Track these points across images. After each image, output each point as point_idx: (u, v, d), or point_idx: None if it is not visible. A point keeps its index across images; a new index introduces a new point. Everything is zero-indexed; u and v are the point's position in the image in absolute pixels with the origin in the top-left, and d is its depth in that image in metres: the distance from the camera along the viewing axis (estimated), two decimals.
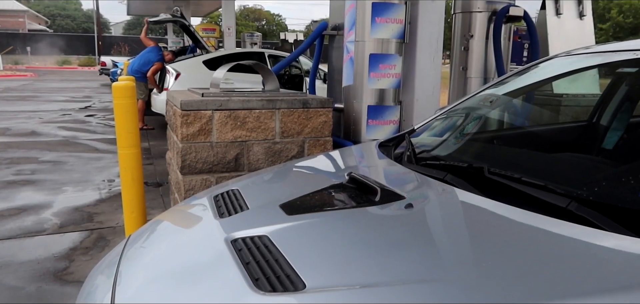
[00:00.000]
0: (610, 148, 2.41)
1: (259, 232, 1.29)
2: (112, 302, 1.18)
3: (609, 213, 1.16)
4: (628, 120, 2.53)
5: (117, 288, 1.24)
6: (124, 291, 1.22)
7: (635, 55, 2.26)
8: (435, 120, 2.36)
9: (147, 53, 8.57)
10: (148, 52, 8.57)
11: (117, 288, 1.24)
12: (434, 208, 1.40)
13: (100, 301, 1.24)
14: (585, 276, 0.96)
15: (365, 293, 0.97)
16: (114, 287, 1.25)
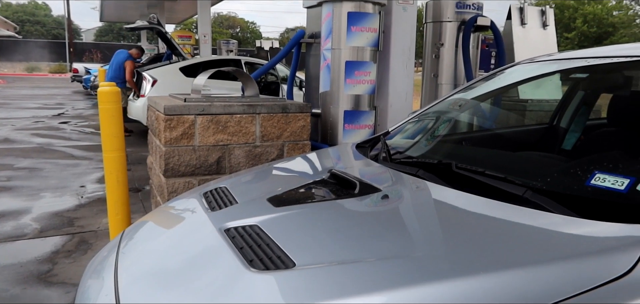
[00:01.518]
0: (568, 149, 2.62)
1: (250, 222, 1.42)
2: (117, 300, 1.23)
3: (558, 199, 1.33)
4: (585, 122, 2.75)
5: (120, 283, 1.31)
6: (127, 285, 1.30)
7: (590, 62, 2.47)
8: (408, 123, 2.53)
9: (116, 58, 8.75)
10: (117, 56, 8.77)
11: (120, 284, 1.30)
12: (408, 199, 1.55)
13: (104, 301, 1.28)
14: (531, 247, 1.13)
15: (347, 268, 1.11)
16: (116, 284, 1.31)
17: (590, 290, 0.97)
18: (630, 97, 2.44)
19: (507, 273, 1.03)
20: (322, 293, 1.03)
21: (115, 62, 8.75)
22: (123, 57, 8.73)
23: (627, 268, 1.02)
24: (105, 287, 1.35)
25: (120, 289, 1.28)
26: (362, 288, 1.03)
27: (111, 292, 1.28)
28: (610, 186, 1.34)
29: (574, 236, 1.18)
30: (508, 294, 0.97)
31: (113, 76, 8.57)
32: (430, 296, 0.98)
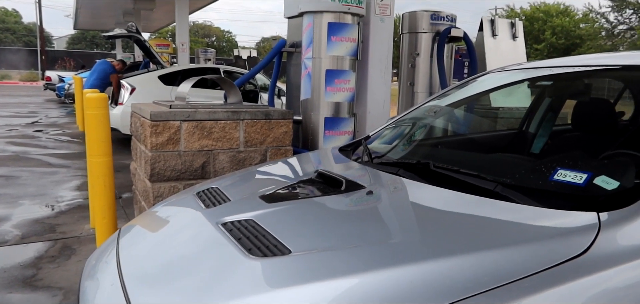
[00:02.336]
0: (536, 152, 2.80)
1: (245, 217, 1.53)
2: (125, 293, 1.28)
3: (525, 193, 1.48)
4: (551, 128, 2.94)
5: (125, 278, 1.37)
6: (134, 278, 1.37)
7: (555, 71, 2.66)
8: (387, 129, 2.67)
9: (100, 66, 8.72)
10: (100, 66, 8.74)
11: (125, 278, 1.36)
12: (390, 194, 1.68)
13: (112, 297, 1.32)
14: (502, 232, 1.27)
15: (338, 253, 1.23)
16: (121, 279, 1.37)
17: (553, 266, 1.11)
18: (591, 103, 2.64)
19: (480, 254, 1.17)
20: (318, 274, 1.15)
21: (97, 70, 8.75)
22: (106, 67, 8.70)
23: (583, 248, 1.17)
24: (110, 283, 1.42)
25: (127, 282, 1.36)
26: (352, 269, 1.15)
27: (118, 287, 1.36)
28: (570, 180, 1.49)
29: (539, 222, 1.32)
30: (481, 272, 1.10)
31: (93, 84, 8.55)
32: (413, 274, 1.11)
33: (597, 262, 1.15)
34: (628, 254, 1.18)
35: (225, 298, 1.12)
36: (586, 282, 1.11)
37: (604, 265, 1.15)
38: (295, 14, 4.26)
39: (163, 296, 1.21)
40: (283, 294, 1.10)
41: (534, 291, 1.06)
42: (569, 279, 1.10)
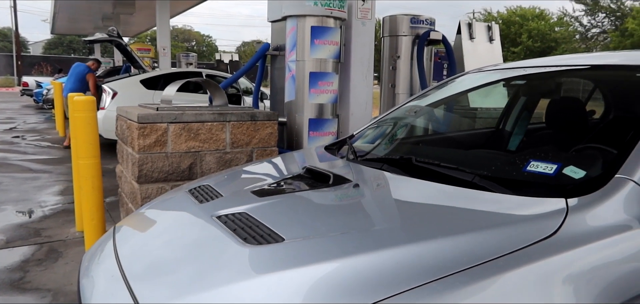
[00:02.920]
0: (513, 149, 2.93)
1: (239, 210, 1.61)
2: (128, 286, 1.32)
3: (500, 183, 1.59)
4: (526, 126, 3.07)
5: (126, 271, 1.41)
6: (135, 270, 1.42)
7: (529, 71, 2.79)
8: (370, 128, 2.77)
9: (76, 70, 8.71)
10: (76, 69, 8.74)
11: (126, 271, 1.41)
12: (375, 186, 1.78)
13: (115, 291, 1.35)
14: (478, 217, 1.38)
15: (328, 239, 1.32)
16: (122, 273, 1.42)
17: (527, 247, 1.22)
18: (563, 101, 2.78)
19: (458, 237, 1.27)
20: (311, 258, 1.23)
21: (74, 74, 8.69)
22: (82, 69, 8.68)
23: (553, 230, 1.28)
24: (111, 276, 1.48)
25: (128, 275, 1.42)
26: (342, 252, 1.24)
27: (120, 279, 1.41)
28: (541, 171, 1.61)
29: (513, 208, 1.43)
30: (459, 253, 1.20)
31: (72, 88, 8.50)
32: (397, 256, 1.20)
33: (565, 242, 1.26)
34: (593, 235, 1.30)
35: (227, 282, 1.20)
36: (555, 260, 1.22)
37: (572, 245, 1.26)
38: (278, 17, 4.35)
39: (166, 285, 1.28)
40: (279, 277, 1.18)
41: (508, 269, 1.16)
42: (539, 258, 1.21)
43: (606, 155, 1.68)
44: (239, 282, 1.19)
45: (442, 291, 1.10)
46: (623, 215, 1.37)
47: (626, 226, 1.35)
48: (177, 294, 1.22)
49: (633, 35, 28.44)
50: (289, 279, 1.17)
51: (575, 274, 1.23)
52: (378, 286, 1.10)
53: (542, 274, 1.18)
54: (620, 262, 1.31)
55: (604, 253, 1.29)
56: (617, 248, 1.32)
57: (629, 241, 1.34)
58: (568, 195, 1.42)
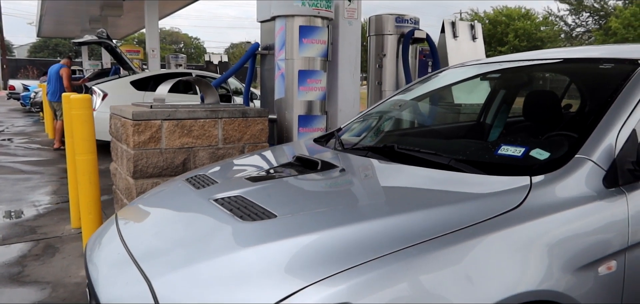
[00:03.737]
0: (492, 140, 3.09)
1: (234, 193, 1.74)
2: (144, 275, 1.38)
3: (474, 165, 1.75)
4: (505, 117, 3.23)
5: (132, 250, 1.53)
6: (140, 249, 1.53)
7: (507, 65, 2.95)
8: (356, 122, 2.92)
9: (52, 71, 8.97)
10: (52, 70, 8.99)
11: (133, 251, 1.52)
12: (360, 171, 1.92)
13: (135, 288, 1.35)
14: (453, 193, 1.53)
15: (317, 214, 1.46)
16: (129, 251, 1.53)
17: (493, 217, 1.38)
18: (538, 93, 2.94)
19: (433, 210, 1.42)
20: (301, 230, 1.37)
21: (52, 75, 8.91)
22: (58, 66, 8.97)
23: (517, 203, 1.44)
24: (116, 255, 1.60)
25: (134, 252, 1.54)
26: (330, 224, 1.38)
27: (126, 257, 1.53)
28: (511, 154, 1.77)
29: (484, 186, 1.58)
30: (434, 222, 1.35)
31: (55, 89, 8.68)
32: (381, 226, 1.35)
33: (528, 213, 1.41)
34: (553, 206, 1.46)
35: (228, 251, 1.33)
36: (519, 228, 1.38)
37: (534, 215, 1.42)
38: (268, 17, 4.47)
39: (172, 257, 1.41)
40: (273, 245, 1.32)
41: (476, 236, 1.32)
42: (505, 226, 1.36)
43: (570, 139, 1.83)
44: (239, 251, 1.33)
45: (417, 255, 1.24)
46: (581, 189, 1.53)
47: (584, 199, 1.51)
48: (182, 264, 1.35)
49: (616, 34, 28.97)
50: (282, 248, 1.31)
51: (537, 240, 1.38)
52: (362, 251, 1.24)
53: (506, 239, 1.34)
54: (577, 230, 1.47)
55: (563, 222, 1.45)
56: (575, 218, 1.48)
57: (586, 211, 1.50)
58: (533, 173, 1.57)
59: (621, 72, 1.95)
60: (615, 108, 1.75)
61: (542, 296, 1.35)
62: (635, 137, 1.66)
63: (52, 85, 8.85)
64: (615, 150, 1.62)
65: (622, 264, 1.54)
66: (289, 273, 1.23)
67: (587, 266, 1.46)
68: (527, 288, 1.32)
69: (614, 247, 1.52)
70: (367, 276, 1.19)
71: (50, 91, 8.89)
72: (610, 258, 1.52)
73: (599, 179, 1.58)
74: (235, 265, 1.30)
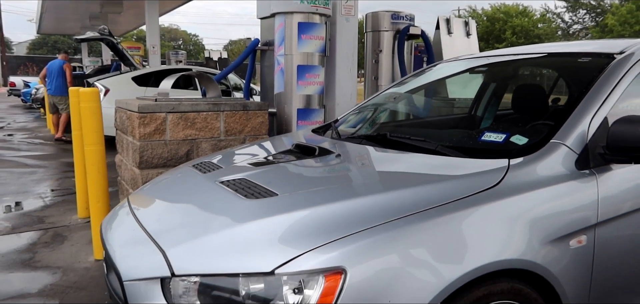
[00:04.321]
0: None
1: (239, 177, 1.90)
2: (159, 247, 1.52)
3: (459, 149, 1.90)
4: (495, 110, 3.38)
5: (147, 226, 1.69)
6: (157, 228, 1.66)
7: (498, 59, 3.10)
8: (352, 114, 3.07)
9: (53, 67, 9.19)
10: (52, 66, 9.24)
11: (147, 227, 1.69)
12: (355, 156, 2.08)
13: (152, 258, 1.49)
14: (439, 173, 1.69)
15: (311, 193, 1.62)
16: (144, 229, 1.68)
17: (476, 193, 1.53)
18: (526, 87, 3.10)
19: (419, 188, 1.58)
20: (299, 206, 1.53)
21: (54, 71, 9.10)
22: (59, 64, 9.19)
23: (496, 182, 1.59)
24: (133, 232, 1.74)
25: (148, 228, 1.69)
26: (326, 200, 1.54)
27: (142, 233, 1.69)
28: (493, 140, 1.92)
29: (466, 168, 1.74)
30: (419, 198, 1.50)
31: (58, 85, 8.88)
32: (371, 201, 1.51)
33: (505, 191, 1.57)
34: (528, 185, 1.61)
35: (236, 224, 1.49)
36: (497, 203, 1.53)
37: (510, 193, 1.57)
38: (267, 14, 4.62)
39: (184, 231, 1.57)
40: (275, 219, 1.48)
41: (457, 210, 1.47)
42: (484, 202, 1.52)
43: (548, 127, 1.99)
44: (244, 224, 1.48)
45: (403, 226, 1.40)
46: (555, 170, 1.69)
47: (557, 179, 1.67)
48: (193, 236, 1.51)
49: (612, 31, 29.10)
50: (282, 221, 1.46)
51: (513, 214, 1.54)
52: (354, 223, 1.40)
53: (485, 213, 1.50)
54: (550, 206, 1.62)
55: (537, 199, 1.60)
56: (549, 195, 1.63)
57: (559, 190, 1.66)
58: (511, 156, 1.73)
59: (597, 65, 2.10)
60: (589, 97, 1.90)
61: (517, 265, 1.50)
62: (607, 123, 1.81)
63: (55, 80, 9.04)
64: (587, 136, 1.78)
65: (591, 239, 1.69)
66: (289, 242, 1.38)
67: (559, 240, 1.61)
68: (503, 257, 1.47)
69: (585, 223, 1.68)
70: (358, 243, 1.34)
71: (54, 86, 9.08)
72: (581, 232, 1.67)
73: (571, 162, 1.73)
74: (241, 236, 1.45)
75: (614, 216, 1.74)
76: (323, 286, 1.29)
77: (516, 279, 1.53)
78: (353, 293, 1.30)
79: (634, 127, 1.69)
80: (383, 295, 1.31)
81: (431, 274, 1.37)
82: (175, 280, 1.41)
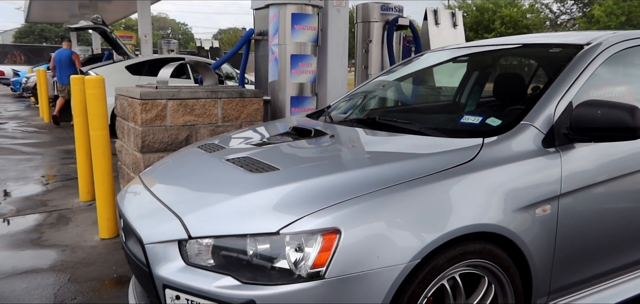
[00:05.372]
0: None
1: (243, 155, 2.10)
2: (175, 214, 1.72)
3: (441, 130, 2.12)
4: (478, 98, 3.60)
5: (162, 199, 1.90)
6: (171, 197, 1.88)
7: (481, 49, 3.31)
8: (343, 101, 3.28)
9: (62, 57, 9.32)
10: (60, 56, 9.44)
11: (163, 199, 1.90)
12: (347, 137, 2.30)
13: (170, 224, 1.68)
14: (421, 150, 1.91)
15: (309, 167, 1.83)
16: (159, 199, 1.90)
17: (455, 166, 1.75)
18: (506, 76, 3.32)
19: (403, 162, 1.80)
20: (299, 177, 1.74)
21: (63, 61, 9.28)
22: (68, 54, 9.32)
23: (471, 157, 1.81)
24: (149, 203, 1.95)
25: (163, 199, 1.90)
26: (322, 172, 1.75)
27: (157, 203, 1.89)
28: (471, 121, 2.15)
29: (446, 146, 1.96)
30: (403, 171, 1.72)
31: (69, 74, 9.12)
32: (362, 174, 1.72)
33: (479, 165, 1.79)
34: (499, 160, 1.84)
35: (243, 193, 1.70)
36: (471, 175, 1.75)
37: (484, 167, 1.79)
38: (262, 5, 4.79)
39: (197, 200, 1.78)
40: (277, 189, 1.69)
41: (436, 181, 1.69)
42: (460, 174, 1.74)
43: (520, 110, 2.22)
44: (250, 194, 1.70)
45: (389, 194, 1.62)
46: (524, 147, 1.92)
47: (525, 155, 1.90)
48: (206, 205, 1.72)
49: (599, 22, 29.53)
50: (284, 191, 1.68)
51: (486, 185, 1.77)
52: (346, 192, 1.62)
53: (461, 184, 1.72)
54: (518, 179, 1.85)
55: (507, 172, 1.83)
56: (517, 169, 1.86)
57: (527, 164, 1.89)
58: (486, 136, 1.95)
59: (566, 55, 2.33)
60: (556, 84, 2.13)
61: (488, 229, 1.73)
62: (571, 107, 2.04)
63: (66, 70, 9.41)
64: (554, 118, 2.01)
65: (555, 209, 1.93)
66: (290, 208, 1.60)
67: (526, 208, 1.84)
68: (476, 222, 1.70)
69: (549, 194, 1.91)
70: (351, 208, 1.56)
71: (65, 76, 9.39)
72: (546, 202, 1.90)
73: (539, 140, 1.96)
74: (248, 204, 1.66)
75: (576, 189, 1.98)
76: (321, 244, 1.51)
77: (488, 242, 1.76)
78: (346, 250, 1.51)
79: (594, 110, 1.92)
80: (372, 252, 1.53)
81: (414, 235, 1.59)
82: (191, 242, 1.62)
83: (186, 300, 1.56)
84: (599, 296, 2.21)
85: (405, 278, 1.57)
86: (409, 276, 1.58)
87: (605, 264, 2.18)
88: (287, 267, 1.52)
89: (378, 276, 1.52)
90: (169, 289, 1.60)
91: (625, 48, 2.36)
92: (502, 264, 1.80)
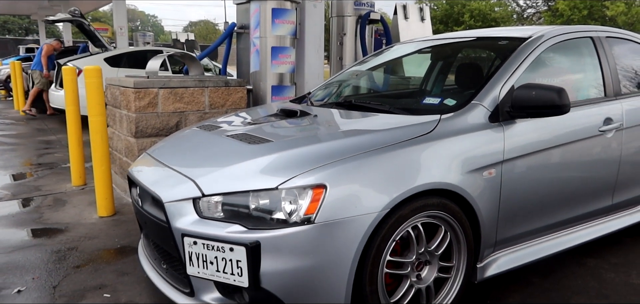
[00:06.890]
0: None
1: (240, 131, 2.47)
2: (188, 177, 2.10)
3: (406, 110, 2.54)
4: (442, 86, 4.03)
5: (173, 166, 2.27)
6: (181, 165, 2.25)
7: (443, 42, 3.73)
8: (321, 88, 3.66)
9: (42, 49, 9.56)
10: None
11: (173, 167, 2.27)
12: (327, 117, 2.69)
13: (185, 185, 2.05)
14: (390, 125, 2.32)
15: (298, 139, 2.22)
16: (171, 168, 2.27)
17: (417, 137, 2.16)
18: (466, 64, 3.76)
19: (374, 134, 2.21)
20: (289, 147, 2.13)
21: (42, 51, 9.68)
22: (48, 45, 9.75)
23: (430, 130, 2.23)
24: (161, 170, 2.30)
25: (173, 166, 2.25)
26: (308, 143, 2.14)
27: (168, 169, 2.25)
28: (431, 102, 2.57)
29: (410, 122, 2.37)
30: (375, 141, 2.13)
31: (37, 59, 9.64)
32: (339, 144, 2.12)
33: (436, 136, 2.21)
34: (453, 133, 2.26)
35: (244, 160, 2.08)
36: (431, 144, 2.17)
37: (440, 137, 2.21)
38: (244, 0, 5.13)
39: (205, 166, 2.14)
40: (272, 155, 2.08)
41: (402, 148, 2.10)
42: (421, 143, 2.15)
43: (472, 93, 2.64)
44: (250, 160, 2.07)
45: (365, 157, 2.02)
46: (473, 122, 2.34)
47: (475, 128, 2.32)
48: (214, 169, 2.08)
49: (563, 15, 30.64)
50: (278, 157, 2.06)
51: (442, 152, 2.18)
52: (331, 156, 2.01)
53: (422, 150, 2.13)
54: (469, 147, 2.27)
55: (459, 141, 2.25)
56: (468, 139, 2.28)
57: (476, 136, 2.31)
58: (442, 113, 2.37)
59: (511, 46, 2.77)
60: (501, 70, 2.56)
61: (444, 186, 2.15)
62: (513, 90, 2.47)
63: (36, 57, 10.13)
64: (498, 98, 2.44)
65: (499, 172, 2.36)
66: (285, 169, 1.98)
67: (475, 171, 2.27)
68: (434, 180, 2.11)
69: (494, 160, 2.34)
70: (334, 168, 1.95)
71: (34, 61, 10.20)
72: (492, 167, 2.33)
73: (486, 117, 2.38)
74: (248, 168, 2.04)
75: (516, 157, 2.41)
76: (311, 197, 1.89)
77: (444, 197, 2.17)
78: (331, 201, 1.90)
79: (530, 91, 2.36)
80: (351, 203, 1.93)
81: (384, 190, 1.99)
82: (203, 199, 1.99)
83: (202, 244, 1.93)
84: (537, 248, 2.67)
85: (377, 224, 1.97)
86: (381, 222, 1.98)
87: (541, 220, 2.63)
88: (283, 217, 1.91)
89: (356, 222, 1.92)
90: (187, 237, 1.96)
91: (560, 41, 2.83)
92: (455, 216, 2.22)
